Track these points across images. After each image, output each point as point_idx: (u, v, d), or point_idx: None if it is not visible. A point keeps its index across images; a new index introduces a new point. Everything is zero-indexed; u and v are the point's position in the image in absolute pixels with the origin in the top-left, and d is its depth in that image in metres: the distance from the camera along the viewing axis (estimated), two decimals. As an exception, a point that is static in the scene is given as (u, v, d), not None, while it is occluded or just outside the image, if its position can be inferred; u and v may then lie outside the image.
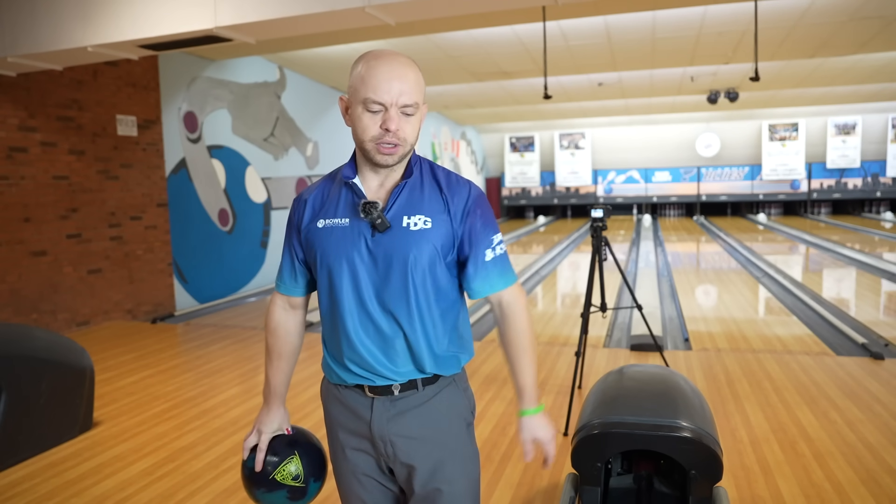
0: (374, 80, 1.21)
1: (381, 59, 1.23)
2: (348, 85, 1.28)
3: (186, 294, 7.11)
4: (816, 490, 2.57)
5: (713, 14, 6.65)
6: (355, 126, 1.26)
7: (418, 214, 1.28)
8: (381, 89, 1.21)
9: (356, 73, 1.25)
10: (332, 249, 1.30)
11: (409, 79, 1.23)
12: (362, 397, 1.33)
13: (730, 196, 18.23)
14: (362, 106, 1.23)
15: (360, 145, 1.27)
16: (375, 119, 1.23)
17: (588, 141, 18.73)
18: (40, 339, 3.27)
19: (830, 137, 17.30)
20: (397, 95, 1.21)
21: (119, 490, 2.76)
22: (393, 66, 1.23)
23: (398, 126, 1.23)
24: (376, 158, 1.25)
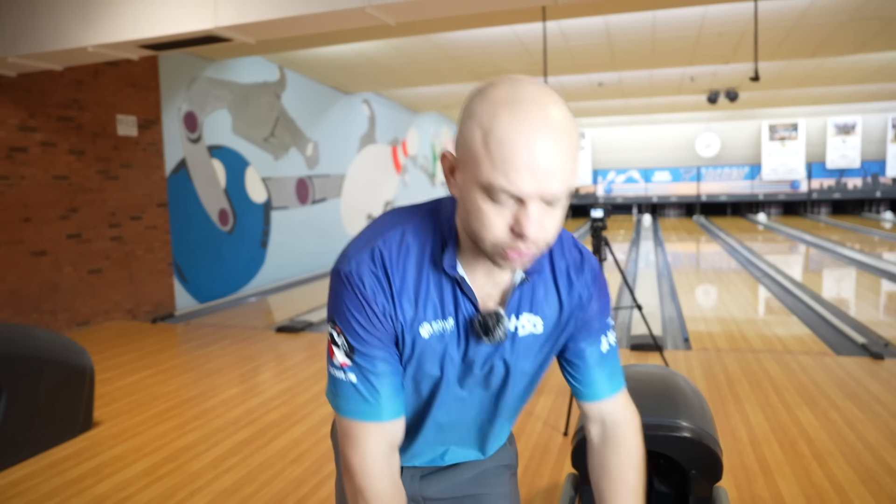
0: (507, 156, 0.78)
1: (519, 115, 0.78)
2: (459, 137, 0.86)
3: (186, 294, 7.11)
4: (816, 490, 2.57)
5: (713, 14, 6.65)
6: (469, 211, 0.85)
7: (528, 313, 0.99)
8: (520, 176, 0.78)
9: (474, 129, 0.81)
10: (429, 357, 0.98)
11: (564, 149, 0.80)
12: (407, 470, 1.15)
13: (730, 196, 18.23)
14: (483, 191, 0.82)
15: (474, 239, 0.87)
16: (503, 214, 0.82)
17: (588, 141, 18.73)
18: (40, 338, 3.27)
19: (830, 137, 17.31)
20: (544, 183, 0.79)
21: (119, 490, 2.76)
22: (540, 132, 0.78)
23: (540, 226, 0.82)
24: (497, 262, 0.88)
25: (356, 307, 0.92)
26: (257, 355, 4.94)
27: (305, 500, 2.64)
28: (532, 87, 0.81)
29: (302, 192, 9.25)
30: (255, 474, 2.88)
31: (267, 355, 4.96)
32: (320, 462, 2.98)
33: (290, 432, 3.34)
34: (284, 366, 4.68)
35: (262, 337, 5.50)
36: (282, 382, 4.21)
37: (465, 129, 0.83)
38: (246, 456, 3.07)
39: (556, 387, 3.93)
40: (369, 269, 0.92)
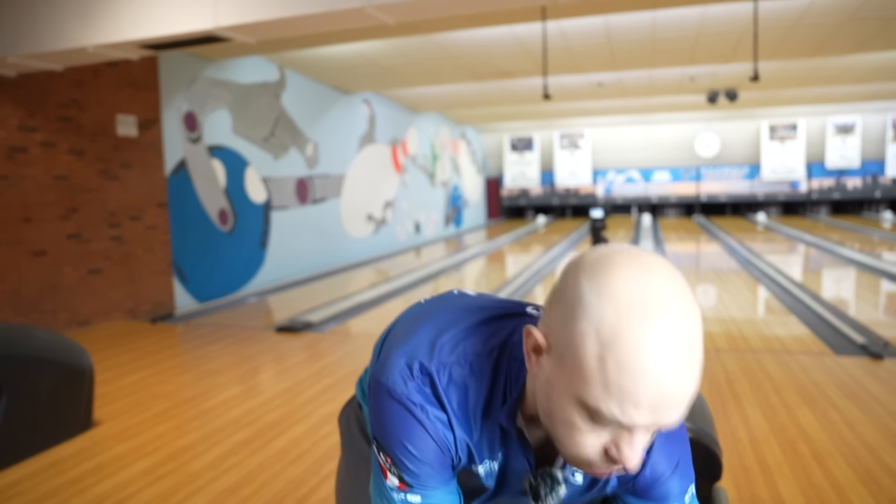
0: (631, 388, 0.67)
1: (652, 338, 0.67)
2: (559, 331, 0.73)
3: (186, 294, 7.11)
4: (816, 490, 2.57)
5: (713, 14, 6.66)
6: (555, 416, 0.75)
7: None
8: (639, 412, 0.69)
9: (589, 339, 0.69)
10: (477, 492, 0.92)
11: (693, 376, 0.72)
12: None
13: (729, 196, 18.24)
14: (583, 409, 0.72)
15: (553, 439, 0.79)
16: (600, 435, 0.73)
17: (588, 141, 18.73)
18: (40, 338, 3.27)
19: (830, 137, 17.31)
20: (663, 417, 0.71)
21: (119, 489, 2.76)
22: (673, 360, 0.68)
23: (636, 452, 0.73)
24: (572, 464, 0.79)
25: (410, 437, 0.83)
26: (257, 355, 4.94)
27: (305, 500, 2.64)
28: (663, 281, 0.69)
29: (302, 192, 9.25)
30: (255, 474, 2.88)
31: (267, 355, 4.96)
32: (320, 462, 2.98)
33: (290, 432, 3.34)
34: (284, 366, 4.68)
35: (262, 337, 5.51)
36: (282, 382, 4.22)
37: (572, 324, 0.70)
38: (246, 456, 3.07)
39: (555, 387, 3.93)
40: (423, 394, 0.83)
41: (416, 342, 0.87)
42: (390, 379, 0.85)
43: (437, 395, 0.83)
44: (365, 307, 6.77)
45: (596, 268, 0.72)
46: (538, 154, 19.12)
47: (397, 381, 0.84)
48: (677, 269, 0.73)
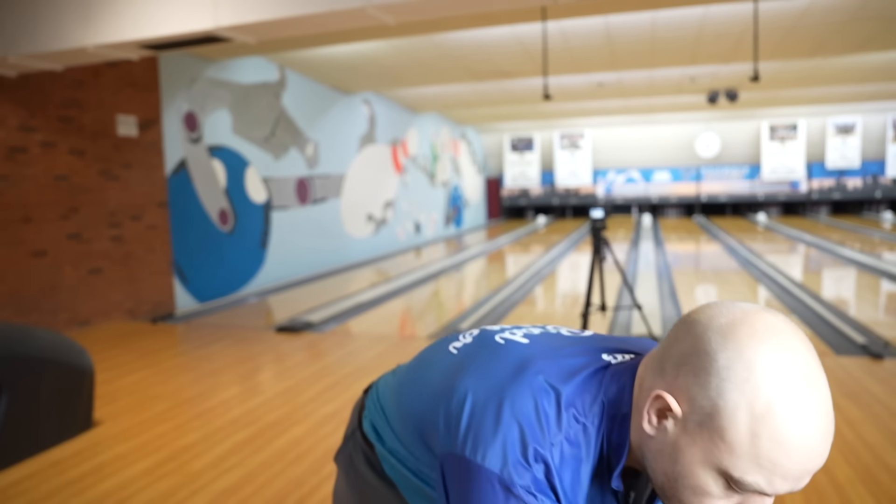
0: (783, 462, 0.70)
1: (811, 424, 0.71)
2: (700, 398, 0.73)
3: (187, 294, 7.11)
4: (816, 489, 2.57)
5: (713, 14, 6.66)
6: (682, 482, 0.75)
7: None
8: (784, 483, 0.71)
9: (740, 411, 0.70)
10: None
11: (829, 445, 0.73)
12: None
13: (730, 196, 18.23)
14: (721, 476, 0.73)
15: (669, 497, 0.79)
16: (731, 498, 0.75)
17: (588, 141, 18.73)
18: (40, 338, 3.27)
19: (830, 138, 17.31)
20: (800, 484, 0.73)
21: (119, 489, 2.76)
22: (819, 434, 0.71)
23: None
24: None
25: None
26: (257, 355, 4.94)
27: (305, 500, 2.64)
28: (804, 352, 0.73)
29: (302, 192, 9.26)
30: (255, 474, 2.88)
31: (267, 355, 4.96)
32: (320, 462, 2.98)
33: (290, 432, 3.34)
34: (284, 366, 4.68)
35: (262, 337, 5.51)
36: (282, 382, 4.22)
37: (717, 398, 0.71)
38: (246, 456, 3.07)
39: (556, 387, 3.93)
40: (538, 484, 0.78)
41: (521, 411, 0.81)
42: (499, 464, 0.79)
43: (552, 482, 0.79)
44: (365, 307, 6.77)
45: (735, 335, 0.73)
46: (538, 154, 19.13)
47: (511, 468, 0.78)
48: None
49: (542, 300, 7.44)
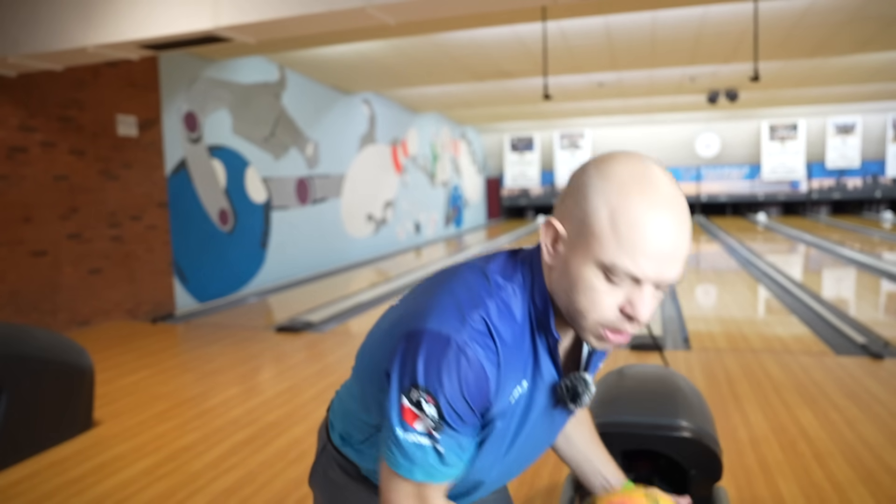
0: (639, 242, 0.79)
1: (651, 199, 0.80)
2: (574, 213, 0.84)
3: (186, 294, 7.11)
4: (816, 490, 2.57)
5: (713, 14, 6.66)
6: (575, 287, 0.84)
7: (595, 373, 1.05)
8: (648, 263, 0.80)
9: (600, 208, 0.81)
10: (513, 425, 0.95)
11: (687, 237, 0.83)
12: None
13: (730, 196, 18.23)
14: (600, 269, 0.82)
15: (573, 315, 0.87)
16: (615, 294, 0.83)
17: (588, 141, 18.73)
18: (40, 338, 3.27)
19: (830, 137, 17.31)
20: (666, 269, 0.81)
21: (119, 489, 2.76)
22: (671, 218, 0.80)
23: (649, 308, 0.84)
24: (592, 342, 0.89)
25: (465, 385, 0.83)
26: (257, 355, 4.94)
27: (305, 500, 2.64)
28: (656, 168, 0.84)
29: (302, 192, 9.25)
30: (255, 474, 2.88)
31: (267, 355, 4.96)
32: (320, 462, 2.98)
33: (290, 432, 3.34)
34: (284, 366, 4.68)
35: (262, 337, 5.51)
36: (282, 382, 4.22)
37: (585, 204, 0.82)
38: (246, 456, 3.07)
39: (556, 387, 3.93)
40: (483, 342, 0.85)
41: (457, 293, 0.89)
42: (439, 323, 0.84)
43: (492, 334, 0.86)
44: (365, 307, 6.77)
45: (601, 161, 0.85)
46: (538, 154, 19.12)
47: (449, 324, 0.84)
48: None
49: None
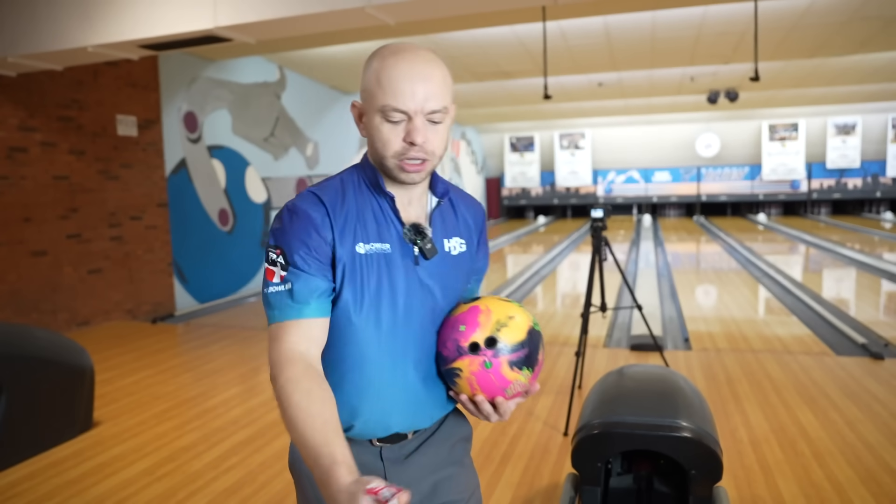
0: (393, 82, 1.02)
1: (400, 56, 1.04)
2: (361, 87, 1.09)
3: (186, 294, 7.11)
4: (816, 490, 2.57)
5: (713, 14, 6.65)
6: (373, 138, 1.07)
7: (455, 237, 1.17)
8: (404, 94, 1.02)
9: (370, 74, 1.06)
10: (376, 282, 1.07)
11: (436, 78, 1.05)
12: (368, 448, 1.14)
13: (730, 196, 18.23)
14: (380, 115, 1.04)
15: (380, 161, 1.08)
16: (397, 130, 1.04)
17: (588, 141, 18.73)
18: (40, 339, 3.27)
19: (830, 137, 17.31)
20: (423, 101, 1.03)
21: (119, 490, 2.76)
22: (415, 65, 1.04)
23: (425, 138, 1.05)
24: (400, 177, 1.08)
25: (299, 227, 1.06)
26: (257, 355, 4.94)
27: (305, 500, 2.63)
28: (410, 45, 1.08)
29: (302, 192, 9.25)
30: (255, 474, 2.88)
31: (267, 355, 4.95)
32: (320, 462, 2.98)
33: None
34: (284, 366, 4.68)
35: (262, 337, 5.50)
36: (282, 382, 4.21)
37: (364, 77, 1.09)
38: (246, 456, 3.07)
39: (555, 387, 3.93)
40: (309, 200, 1.09)
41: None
42: (287, 202, 1.12)
43: (318, 192, 1.10)
44: (365, 307, 6.75)
45: (373, 52, 1.10)
46: (538, 154, 19.12)
47: (290, 201, 1.12)
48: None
49: (542, 300, 7.44)
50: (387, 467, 1.14)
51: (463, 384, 1.09)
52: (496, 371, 1.06)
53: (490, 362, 1.06)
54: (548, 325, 5.82)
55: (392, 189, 1.12)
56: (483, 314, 1.09)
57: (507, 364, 1.07)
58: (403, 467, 1.16)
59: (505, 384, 1.07)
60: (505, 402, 1.08)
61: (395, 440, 1.15)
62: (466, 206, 1.23)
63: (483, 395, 1.08)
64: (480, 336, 1.07)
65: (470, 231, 1.21)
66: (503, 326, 1.08)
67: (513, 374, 1.07)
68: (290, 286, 1.05)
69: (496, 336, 1.07)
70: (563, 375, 4.17)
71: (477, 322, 1.08)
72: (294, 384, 1.00)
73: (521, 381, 1.09)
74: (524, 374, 1.08)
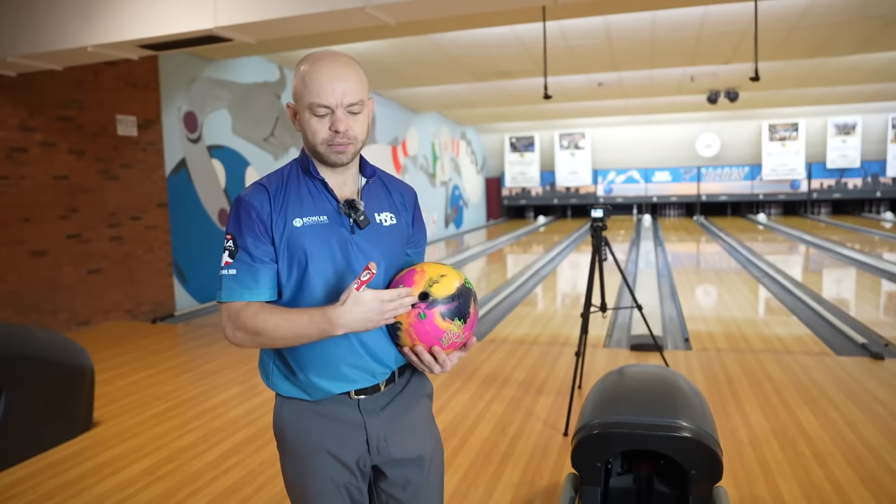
0: (316, 83, 1.23)
1: (320, 62, 1.25)
2: (293, 90, 1.30)
3: (186, 294, 7.11)
4: (816, 490, 2.57)
5: (713, 14, 6.65)
6: (305, 131, 1.29)
7: (386, 211, 1.37)
8: (325, 92, 1.23)
9: (298, 79, 1.27)
10: (317, 248, 1.28)
11: (352, 78, 1.26)
12: (347, 401, 1.33)
13: (730, 196, 18.23)
14: (309, 111, 1.25)
15: (312, 149, 1.30)
16: (323, 122, 1.26)
17: (588, 141, 18.73)
18: (40, 339, 3.27)
19: (830, 137, 17.31)
20: (341, 96, 1.24)
21: (119, 490, 2.76)
22: (333, 68, 1.25)
23: (347, 126, 1.26)
24: (331, 158, 1.28)
25: (244, 217, 1.27)
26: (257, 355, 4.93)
27: (305, 500, 2.63)
28: (330, 52, 1.28)
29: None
30: (255, 474, 2.88)
31: (267, 355, 4.95)
32: (320, 462, 2.98)
33: (290, 432, 3.34)
34: (284, 366, 4.67)
35: (262, 337, 5.50)
36: (282, 382, 4.21)
37: (294, 82, 1.28)
38: (246, 456, 3.07)
39: (555, 387, 3.93)
40: (256, 191, 1.29)
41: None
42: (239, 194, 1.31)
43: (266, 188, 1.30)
44: (365, 307, 6.75)
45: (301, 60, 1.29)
46: (538, 154, 19.12)
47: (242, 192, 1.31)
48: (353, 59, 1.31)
49: (542, 300, 7.44)
50: (365, 417, 1.33)
51: (404, 336, 1.26)
52: (430, 322, 1.23)
53: (424, 314, 1.22)
54: (548, 325, 5.82)
55: (326, 174, 1.33)
56: (418, 274, 1.26)
57: (440, 315, 1.23)
58: (379, 418, 1.34)
59: (439, 333, 1.24)
60: (442, 351, 1.26)
61: (370, 391, 1.33)
62: (397, 187, 1.43)
63: (422, 346, 1.25)
64: (415, 291, 1.23)
65: (400, 208, 1.40)
66: (435, 283, 1.24)
67: (445, 323, 1.23)
68: (236, 271, 1.26)
69: (428, 291, 1.23)
70: (563, 375, 4.17)
71: (413, 281, 1.25)
72: (258, 313, 1.23)
73: (454, 331, 1.24)
74: (456, 324, 1.24)
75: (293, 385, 1.33)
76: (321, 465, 1.32)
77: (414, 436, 1.38)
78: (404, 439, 1.37)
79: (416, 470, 1.38)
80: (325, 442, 1.32)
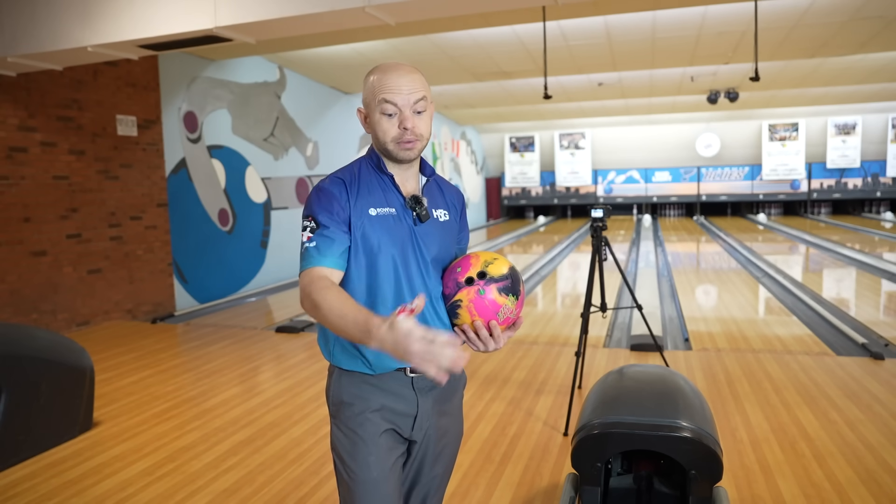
0: (385, 84, 1.39)
1: (388, 68, 1.42)
2: (363, 96, 1.45)
3: (186, 294, 7.11)
4: (816, 490, 2.57)
5: (713, 14, 6.65)
6: (376, 131, 1.43)
7: (440, 208, 1.52)
8: (394, 90, 1.38)
9: (369, 84, 1.42)
10: (387, 236, 1.41)
11: (417, 79, 1.42)
12: (403, 378, 1.45)
13: (730, 196, 18.23)
14: (379, 111, 1.40)
15: (383, 147, 1.44)
16: (393, 121, 1.40)
17: (588, 141, 18.72)
18: (40, 339, 3.27)
19: (830, 137, 17.30)
20: (408, 94, 1.39)
21: (119, 490, 2.76)
22: (400, 71, 1.41)
23: (413, 123, 1.40)
24: (400, 155, 1.43)
25: (325, 200, 1.41)
26: (257, 355, 4.94)
27: (305, 500, 2.64)
28: (397, 62, 1.44)
29: (302, 192, 9.25)
30: (255, 474, 2.88)
31: (267, 355, 4.96)
32: (320, 462, 2.98)
33: (290, 432, 3.34)
34: (284, 366, 4.68)
35: (262, 337, 5.51)
36: (282, 382, 4.21)
37: (365, 88, 1.44)
38: (246, 456, 3.07)
39: (555, 387, 3.93)
40: (334, 181, 1.44)
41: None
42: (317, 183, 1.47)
43: (343, 179, 1.45)
44: (365, 307, 6.75)
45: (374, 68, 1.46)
46: (538, 154, 19.12)
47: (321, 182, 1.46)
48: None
49: (542, 300, 7.44)
50: (418, 395, 1.46)
51: (463, 313, 1.38)
52: (489, 297, 1.36)
53: (483, 289, 1.36)
54: (548, 325, 5.82)
55: (392, 170, 1.47)
56: (473, 258, 1.43)
57: (497, 290, 1.36)
58: (428, 398, 1.47)
59: (496, 308, 1.36)
60: (498, 326, 1.37)
61: None
62: (449, 189, 1.59)
63: (481, 321, 1.37)
64: (473, 272, 1.39)
65: (451, 207, 1.56)
66: (489, 264, 1.40)
67: (502, 298, 1.37)
68: (318, 242, 1.39)
69: (485, 270, 1.38)
70: (563, 375, 4.17)
71: (469, 264, 1.41)
72: (326, 289, 1.32)
73: (509, 307, 1.37)
74: (510, 300, 1.37)
75: (354, 357, 1.44)
76: (379, 419, 1.44)
77: (452, 420, 1.55)
78: (444, 423, 1.52)
79: (445, 452, 1.54)
80: (385, 404, 1.44)
